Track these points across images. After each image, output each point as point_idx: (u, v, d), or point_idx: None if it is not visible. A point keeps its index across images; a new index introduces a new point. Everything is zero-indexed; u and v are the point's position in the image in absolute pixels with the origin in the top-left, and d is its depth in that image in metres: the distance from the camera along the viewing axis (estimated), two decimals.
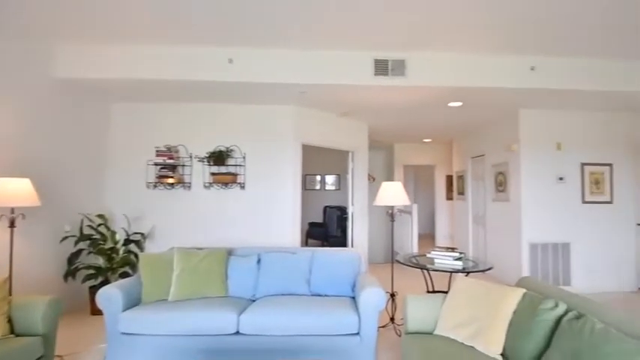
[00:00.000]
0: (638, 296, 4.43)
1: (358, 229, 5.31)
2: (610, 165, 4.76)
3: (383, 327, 3.26)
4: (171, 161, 4.21)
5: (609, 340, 1.49)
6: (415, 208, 5.67)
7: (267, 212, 4.41)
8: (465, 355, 1.95)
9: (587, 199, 4.71)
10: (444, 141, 7.35)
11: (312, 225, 7.59)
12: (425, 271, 3.14)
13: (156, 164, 4.23)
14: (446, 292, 2.43)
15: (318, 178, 8.35)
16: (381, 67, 3.57)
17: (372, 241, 6.14)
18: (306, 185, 8.27)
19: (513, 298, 2.09)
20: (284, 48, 3.54)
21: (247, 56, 3.56)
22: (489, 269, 2.99)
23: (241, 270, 2.98)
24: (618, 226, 4.74)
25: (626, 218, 4.75)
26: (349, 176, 5.42)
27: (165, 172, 4.23)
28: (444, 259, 3.06)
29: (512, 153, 4.86)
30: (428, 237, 9.14)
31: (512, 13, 2.88)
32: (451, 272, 2.89)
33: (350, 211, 5.34)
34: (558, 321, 1.80)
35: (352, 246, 5.26)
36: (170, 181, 4.23)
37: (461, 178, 6.58)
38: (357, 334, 2.52)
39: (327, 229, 7.10)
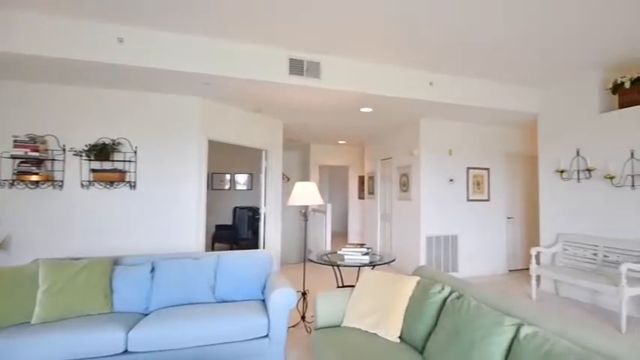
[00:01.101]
0: (507, 277, 5.51)
1: (271, 229, 5.33)
2: (488, 169, 5.81)
3: (294, 326, 3.36)
4: (35, 154, 3.54)
5: (480, 314, 1.83)
6: (329, 208, 5.95)
7: (165, 215, 4.07)
8: (368, 342, 2.15)
9: (470, 198, 5.65)
10: (357, 143, 7.92)
11: (219, 227, 7.31)
12: (336, 268, 3.34)
13: (13, 157, 3.51)
14: (354, 286, 2.63)
15: (228, 177, 8.09)
16: (297, 67, 3.68)
17: (286, 242, 6.23)
18: (214, 185, 7.91)
19: (409, 285, 2.39)
20: (188, 33, 3.35)
21: (142, 37, 3.26)
22: (392, 261, 3.35)
23: (130, 281, 2.73)
24: (493, 220, 5.80)
25: (499, 213, 5.84)
26: (262, 175, 5.40)
27: (27, 167, 3.56)
28: (353, 255, 3.30)
29: (413, 157, 5.53)
30: (341, 235, 9.70)
31: (415, 33, 3.28)
32: (359, 267, 3.14)
33: (262, 211, 5.32)
34: (444, 302, 2.13)
35: (264, 247, 5.25)
36: (34, 178, 3.58)
37: (371, 178, 7.18)
38: (267, 336, 2.54)
39: (236, 231, 6.92)
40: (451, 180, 5.52)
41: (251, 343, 2.50)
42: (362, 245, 3.41)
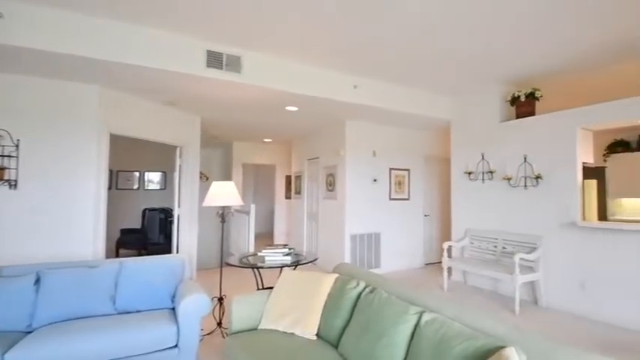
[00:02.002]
0: (424, 270, 6.06)
1: (186, 233, 5.05)
2: (408, 170, 6.31)
3: (209, 334, 3.24)
4: None
5: (389, 305, 1.98)
6: (253, 208, 5.85)
7: (55, 218, 3.57)
8: (284, 342, 2.16)
9: (392, 197, 6.07)
10: (285, 142, 7.94)
11: (126, 232, 6.70)
12: (256, 270, 3.29)
13: None
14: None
15: (137, 175, 7.43)
16: (215, 60, 3.55)
17: (205, 245, 5.97)
18: (118, 184, 7.21)
19: (328, 283, 2.48)
20: (91, 14, 3.01)
21: (25, 13, 2.84)
22: (315, 260, 3.42)
23: (8, 295, 2.41)
24: (412, 218, 6.31)
25: (417, 211, 6.38)
26: (176, 174, 5.09)
27: None
28: (274, 256, 3.29)
29: (340, 157, 5.74)
30: (267, 236, 9.62)
31: (332, 37, 3.40)
32: (281, 267, 3.14)
33: (176, 213, 5.01)
34: (359, 297, 2.25)
35: (178, 252, 4.95)
36: None
37: (298, 178, 7.26)
38: (176, 346, 2.42)
39: (146, 235, 6.39)
40: (375, 180, 5.86)
41: (158, 354, 2.37)
42: (284, 246, 3.41)
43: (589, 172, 4.39)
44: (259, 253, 3.41)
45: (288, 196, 8.30)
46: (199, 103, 4.59)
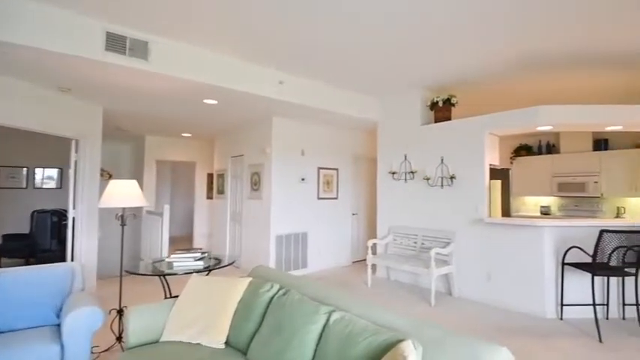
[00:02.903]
0: (351, 268, 6.28)
1: (83, 237, 4.53)
2: (337, 169, 6.48)
3: (107, 350, 2.95)
4: None
5: (301, 306, 1.98)
6: (167, 209, 5.48)
7: None
8: (187, 353, 2.04)
9: (321, 196, 6.18)
10: (206, 137, 7.58)
11: (9, 238, 5.84)
12: (164, 278, 3.07)
13: None
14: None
15: (24, 171, 6.49)
16: (116, 44, 3.23)
17: (109, 251, 5.43)
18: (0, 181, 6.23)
19: (240, 288, 2.40)
20: None
21: None
22: (232, 263, 3.31)
23: None
24: (341, 217, 6.50)
25: (346, 210, 6.59)
26: (71, 171, 4.53)
27: None
28: (184, 262, 3.10)
29: (266, 155, 5.65)
30: (186, 239, 9.11)
31: (264, 30, 3.32)
32: (193, 273, 2.96)
33: (71, 215, 4.46)
34: (272, 300, 2.22)
35: (73, 260, 4.41)
36: None
37: (221, 176, 6.99)
38: None
39: (35, 241, 5.61)
40: (303, 179, 5.90)
41: None
42: (196, 250, 3.24)
43: (495, 173, 4.96)
44: (166, 259, 3.19)
45: (209, 196, 7.94)
46: (100, 91, 4.15)
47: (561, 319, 3.91)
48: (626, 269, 3.46)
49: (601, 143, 6.33)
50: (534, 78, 4.84)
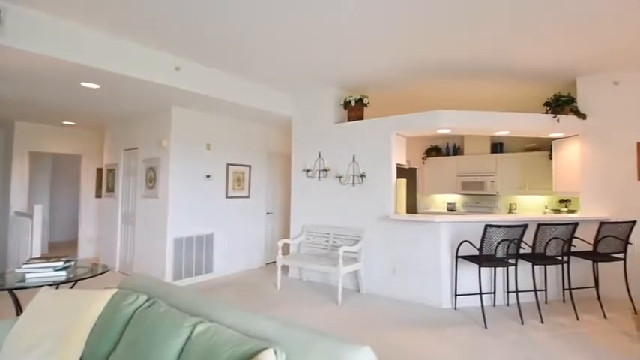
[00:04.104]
0: (263, 270, 6.12)
1: None
2: (249, 166, 6.25)
3: None
4: None
5: (165, 318, 1.78)
6: (39, 210, 4.72)
7: None
8: None
9: (230, 195, 5.90)
10: (95, 127, 6.75)
11: None
12: (12, 292, 2.59)
13: None
14: None
15: None
16: None
17: None
18: None
19: (101, 301, 2.10)
20: None
21: None
22: (105, 272, 2.92)
23: None
24: (253, 216, 6.29)
25: (259, 209, 6.41)
26: None
27: None
28: (41, 272, 2.65)
29: (163, 149, 5.19)
30: (71, 244, 8.03)
31: (159, 8, 3.00)
32: (53, 285, 2.53)
33: None
34: (134, 313, 1.97)
35: None
36: None
37: (112, 172, 6.28)
38: None
39: None
40: (208, 176, 5.56)
41: None
42: (61, 257, 2.79)
43: (402, 172, 5.23)
44: (16, 270, 2.69)
45: (98, 195, 7.10)
46: None
47: (455, 308, 4.25)
48: (508, 260, 3.87)
49: (497, 147, 7.18)
50: (441, 83, 5.23)
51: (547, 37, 3.73)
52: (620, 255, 4.08)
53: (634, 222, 4.07)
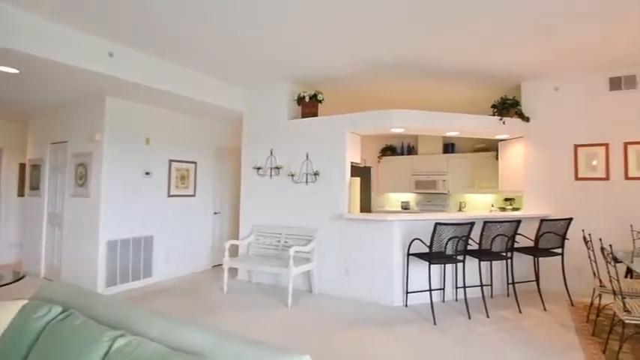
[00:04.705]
0: (209, 274, 5.86)
1: None
2: (195, 163, 5.96)
3: None
4: None
5: (81, 332, 1.58)
6: None
7: None
8: None
9: (172, 193, 5.57)
10: (17, 118, 6.11)
11: None
12: None
13: None
14: None
15: None
16: None
17: None
18: None
19: (7, 314, 1.86)
20: None
21: None
22: (19, 280, 2.60)
23: None
24: (199, 216, 6.01)
25: (205, 209, 6.13)
26: None
27: None
28: None
29: (95, 143, 4.77)
30: None
31: None
32: None
33: None
34: (46, 327, 1.74)
35: None
36: None
37: (36, 168, 5.70)
38: None
39: None
40: (147, 173, 5.21)
41: None
42: None
43: (357, 171, 5.23)
44: None
45: (21, 193, 6.44)
46: None
47: (406, 306, 4.32)
48: (457, 257, 4.00)
49: (449, 147, 7.50)
50: (396, 83, 5.32)
51: (495, 42, 3.91)
52: (559, 250, 4.37)
53: (571, 219, 4.37)
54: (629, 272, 3.85)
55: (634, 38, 3.77)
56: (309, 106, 5.23)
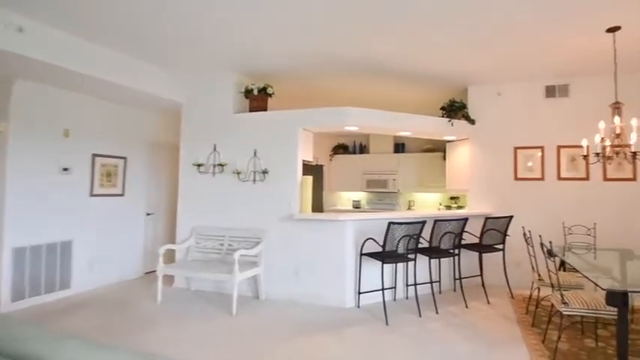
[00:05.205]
0: (140, 281, 5.39)
1: None
2: (125, 158, 5.44)
3: None
4: None
5: None
6: None
7: None
8: None
9: (96, 192, 5.02)
10: None
11: None
12: None
13: None
14: None
15: None
16: None
17: None
18: None
19: None
20: None
21: None
22: None
23: None
24: (129, 218, 5.50)
25: (137, 209, 5.64)
26: None
27: None
28: None
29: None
30: None
31: None
32: None
33: None
34: None
35: None
36: None
37: None
38: None
39: None
40: (65, 169, 4.63)
41: None
42: None
43: (309, 169, 5.13)
44: None
45: None
46: None
47: (359, 306, 4.32)
48: (409, 255, 4.07)
49: (399, 146, 7.80)
50: (349, 81, 5.38)
51: (443, 47, 4.13)
52: (500, 246, 4.68)
53: (511, 216, 4.71)
54: (562, 265, 4.19)
55: (567, 50, 4.16)
56: (257, 99, 5.03)
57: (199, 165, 5.06)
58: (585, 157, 3.67)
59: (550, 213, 4.98)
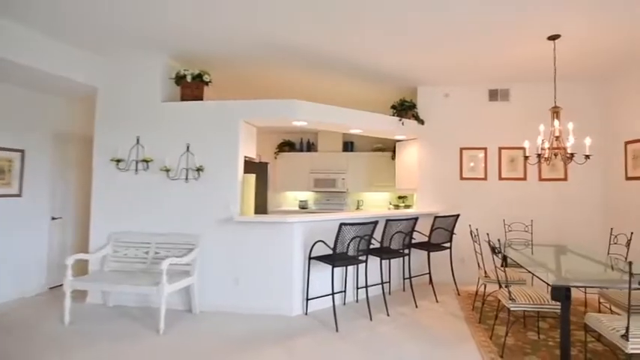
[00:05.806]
0: (43, 298, 4.65)
1: None
2: (22, 151, 4.66)
3: None
4: None
5: None
6: None
7: None
8: None
9: None
10: None
11: None
12: None
13: None
14: None
15: None
16: None
17: None
18: None
19: None
20: None
21: None
22: None
23: None
24: (27, 222, 4.74)
25: (39, 212, 4.89)
26: None
27: None
28: None
29: None
30: None
31: None
32: None
33: None
34: None
35: None
36: None
37: None
38: None
39: None
40: None
41: None
42: None
43: (252, 167, 4.80)
44: None
45: None
46: None
47: (306, 314, 4.13)
48: (359, 257, 3.96)
49: (348, 145, 7.81)
50: (296, 74, 5.25)
51: (394, 46, 4.19)
52: (448, 244, 4.82)
53: (458, 215, 4.88)
54: (504, 261, 4.41)
55: (509, 56, 4.43)
56: (191, 87, 4.60)
57: (118, 160, 4.48)
58: (526, 157, 3.94)
59: (492, 211, 5.28)
